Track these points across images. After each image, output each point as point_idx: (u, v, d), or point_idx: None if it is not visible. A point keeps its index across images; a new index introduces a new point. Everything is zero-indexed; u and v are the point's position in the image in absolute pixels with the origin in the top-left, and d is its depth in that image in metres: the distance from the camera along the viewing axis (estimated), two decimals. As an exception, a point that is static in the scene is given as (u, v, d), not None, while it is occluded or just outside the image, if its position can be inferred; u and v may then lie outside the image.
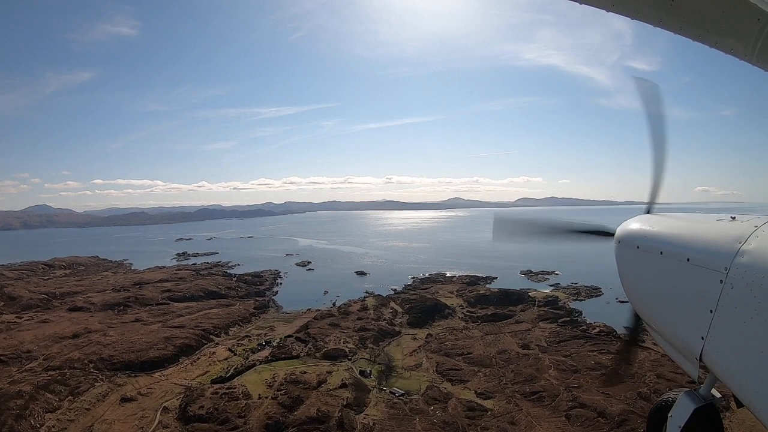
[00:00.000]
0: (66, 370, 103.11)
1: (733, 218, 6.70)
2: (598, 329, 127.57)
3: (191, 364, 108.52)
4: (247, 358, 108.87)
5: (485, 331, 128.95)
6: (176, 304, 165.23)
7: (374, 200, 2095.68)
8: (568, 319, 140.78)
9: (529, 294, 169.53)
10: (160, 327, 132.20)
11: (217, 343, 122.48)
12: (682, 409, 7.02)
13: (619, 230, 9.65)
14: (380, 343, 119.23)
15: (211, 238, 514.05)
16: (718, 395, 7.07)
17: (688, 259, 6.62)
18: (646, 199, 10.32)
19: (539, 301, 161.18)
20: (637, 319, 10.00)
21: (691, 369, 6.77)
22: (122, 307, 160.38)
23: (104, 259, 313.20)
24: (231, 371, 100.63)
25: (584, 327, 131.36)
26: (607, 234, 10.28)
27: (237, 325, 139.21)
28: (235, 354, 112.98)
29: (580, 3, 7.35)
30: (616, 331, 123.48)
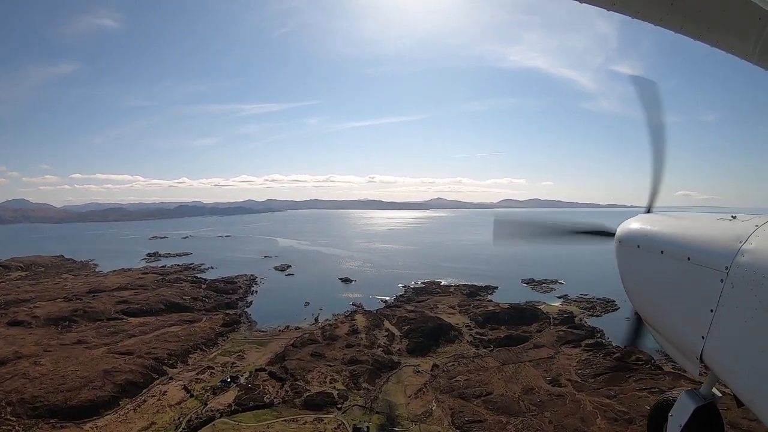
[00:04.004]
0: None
1: (734, 217, 6.54)
2: (634, 357, 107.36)
3: (134, 409, 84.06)
4: (206, 404, 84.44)
5: (501, 360, 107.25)
6: (131, 319, 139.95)
7: (357, 199, 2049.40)
8: (593, 341, 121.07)
9: (541, 310, 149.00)
10: (104, 353, 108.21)
11: (171, 377, 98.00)
12: (682, 409, 6.72)
13: (620, 230, 9.07)
14: (376, 380, 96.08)
15: (187, 237, 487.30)
16: (719, 394, 6.70)
17: (688, 259, 6.40)
18: (645, 200, 9.88)
19: (554, 318, 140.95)
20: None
21: (692, 368, 6.50)
22: (67, 323, 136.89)
23: (69, 259, 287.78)
24: (182, 425, 76.54)
25: (617, 354, 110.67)
26: (608, 234, 9.66)
27: (199, 350, 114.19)
28: (192, 395, 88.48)
29: (580, 2, 7.01)
30: (654, 359, 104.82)
